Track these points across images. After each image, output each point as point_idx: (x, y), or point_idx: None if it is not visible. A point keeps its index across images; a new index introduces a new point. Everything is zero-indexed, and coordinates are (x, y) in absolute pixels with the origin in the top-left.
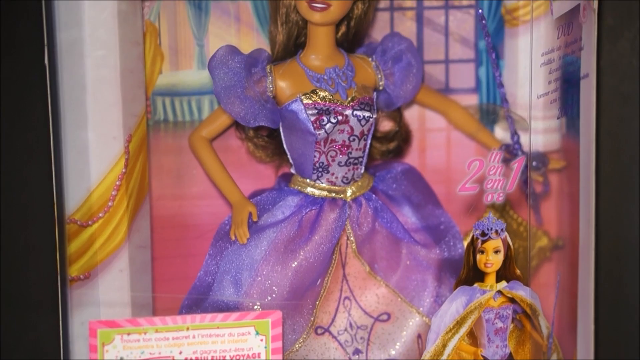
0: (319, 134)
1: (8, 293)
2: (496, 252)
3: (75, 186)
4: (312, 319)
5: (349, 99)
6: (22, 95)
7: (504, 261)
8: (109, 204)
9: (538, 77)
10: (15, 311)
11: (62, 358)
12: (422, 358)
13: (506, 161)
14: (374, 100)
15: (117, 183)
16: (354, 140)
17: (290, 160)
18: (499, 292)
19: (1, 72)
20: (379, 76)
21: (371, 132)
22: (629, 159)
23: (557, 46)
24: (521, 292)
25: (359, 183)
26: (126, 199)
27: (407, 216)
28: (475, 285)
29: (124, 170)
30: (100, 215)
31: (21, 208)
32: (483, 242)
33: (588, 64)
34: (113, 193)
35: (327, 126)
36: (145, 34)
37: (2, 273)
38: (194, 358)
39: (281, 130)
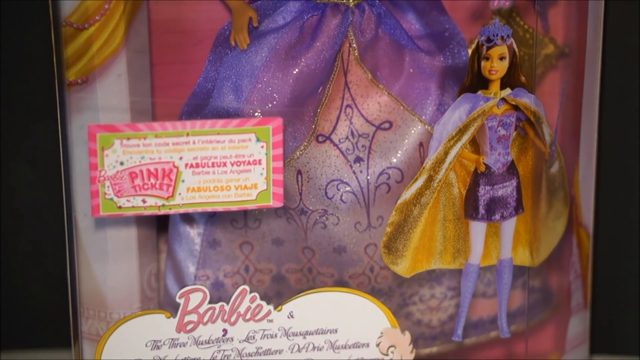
0: None
1: (7, 98)
2: (501, 58)
3: None
4: (313, 126)
5: None
6: None
7: (509, 68)
8: (105, 6)
9: None
10: (14, 116)
11: (62, 162)
12: (424, 166)
13: None
14: None
15: None
16: None
17: None
18: (503, 99)
19: None
20: None
21: None
22: None
23: None
24: (525, 99)
25: None
26: (123, 2)
27: (411, 22)
28: (479, 92)
29: None
30: (97, 18)
31: (15, 11)
32: (488, 48)
33: None
34: None
35: None
36: None
37: (1, 77)
38: (194, 164)
39: None
